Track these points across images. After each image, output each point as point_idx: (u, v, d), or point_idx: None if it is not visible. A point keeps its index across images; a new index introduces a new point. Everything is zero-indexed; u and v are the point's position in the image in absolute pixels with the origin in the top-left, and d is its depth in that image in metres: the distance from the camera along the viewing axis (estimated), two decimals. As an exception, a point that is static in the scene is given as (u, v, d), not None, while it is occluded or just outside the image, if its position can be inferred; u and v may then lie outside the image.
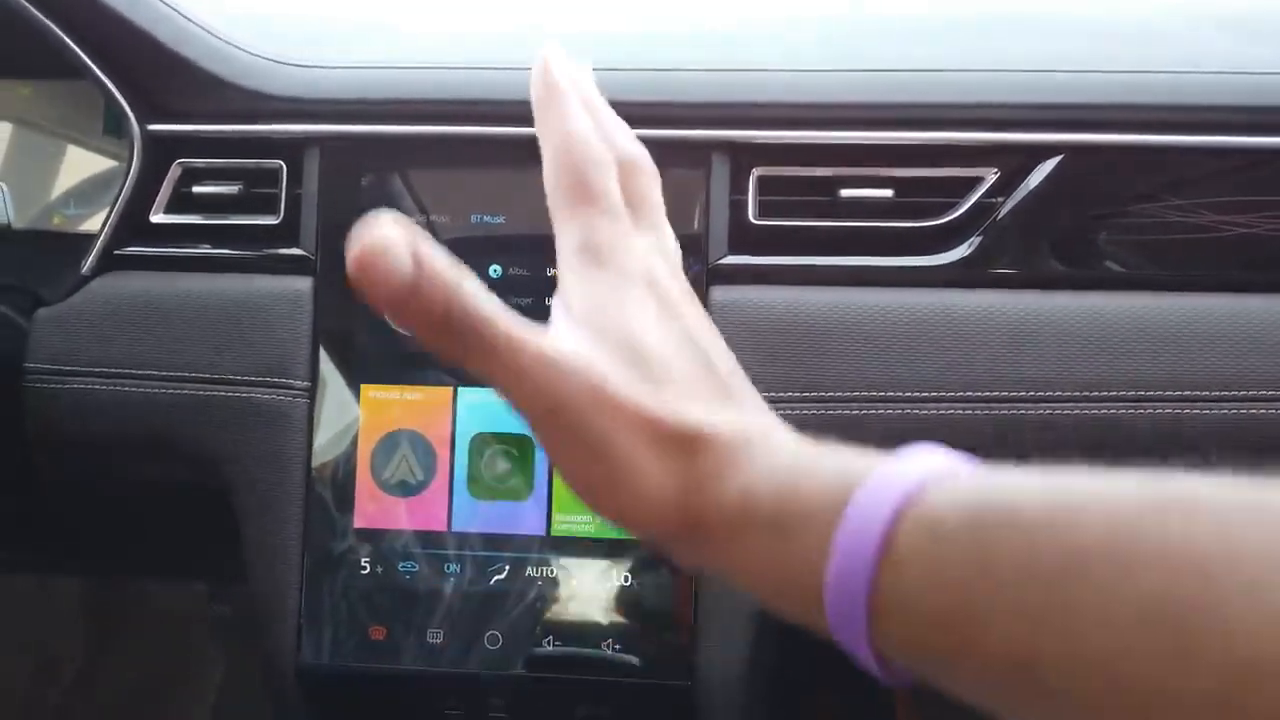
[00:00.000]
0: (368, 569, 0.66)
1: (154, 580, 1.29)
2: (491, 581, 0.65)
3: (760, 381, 0.64)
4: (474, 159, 0.68)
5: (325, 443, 0.66)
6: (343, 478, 0.66)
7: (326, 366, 0.67)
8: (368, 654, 0.65)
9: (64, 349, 0.69)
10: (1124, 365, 0.63)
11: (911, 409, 0.64)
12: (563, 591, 0.65)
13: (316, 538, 0.66)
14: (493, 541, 0.66)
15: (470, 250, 0.66)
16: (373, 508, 0.66)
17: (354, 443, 0.66)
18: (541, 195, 0.71)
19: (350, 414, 0.66)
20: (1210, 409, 0.63)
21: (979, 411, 0.63)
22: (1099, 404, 0.63)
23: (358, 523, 0.66)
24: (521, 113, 0.68)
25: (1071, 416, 0.63)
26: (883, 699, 1.22)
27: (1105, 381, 0.63)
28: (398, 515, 0.66)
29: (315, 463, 0.66)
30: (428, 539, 0.66)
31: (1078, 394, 0.63)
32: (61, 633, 1.27)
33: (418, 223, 0.66)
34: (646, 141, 0.65)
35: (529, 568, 0.65)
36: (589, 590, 0.65)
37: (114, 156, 0.78)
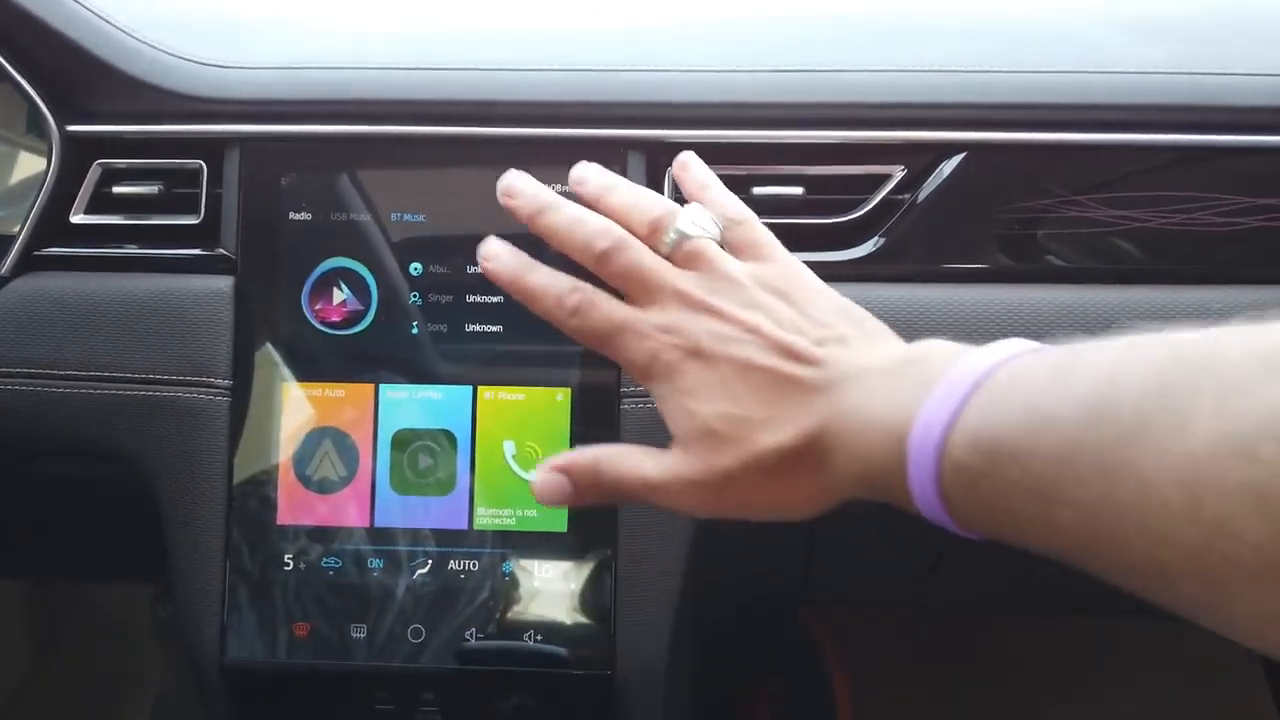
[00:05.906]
0: (291, 565, 0.66)
1: (98, 583, 1.28)
2: (414, 576, 0.66)
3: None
4: (394, 158, 0.69)
5: (247, 441, 0.67)
6: (265, 475, 0.67)
7: (248, 365, 0.67)
8: (292, 650, 0.66)
9: (-17, 349, 0.69)
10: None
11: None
12: (485, 585, 0.66)
13: (239, 535, 0.66)
14: (415, 536, 0.66)
15: (391, 249, 0.67)
16: (295, 505, 0.67)
17: (276, 441, 0.67)
18: (462, 193, 0.73)
19: (272, 412, 0.67)
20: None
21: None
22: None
23: (280, 520, 0.66)
24: (440, 112, 0.70)
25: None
26: (825, 686, 1.24)
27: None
28: (321, 512, 0.67)
29: (237, 461, 0.67)
30: (351, 535, 0.66)
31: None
32: (3, 637, 1.26)
33: (338, 221, 0.68)
34: (560, 141, 0.67)
35: (451, 561, 0.66)
36: (511, 583, 0.66)
37: (38, 157, 0.77)
